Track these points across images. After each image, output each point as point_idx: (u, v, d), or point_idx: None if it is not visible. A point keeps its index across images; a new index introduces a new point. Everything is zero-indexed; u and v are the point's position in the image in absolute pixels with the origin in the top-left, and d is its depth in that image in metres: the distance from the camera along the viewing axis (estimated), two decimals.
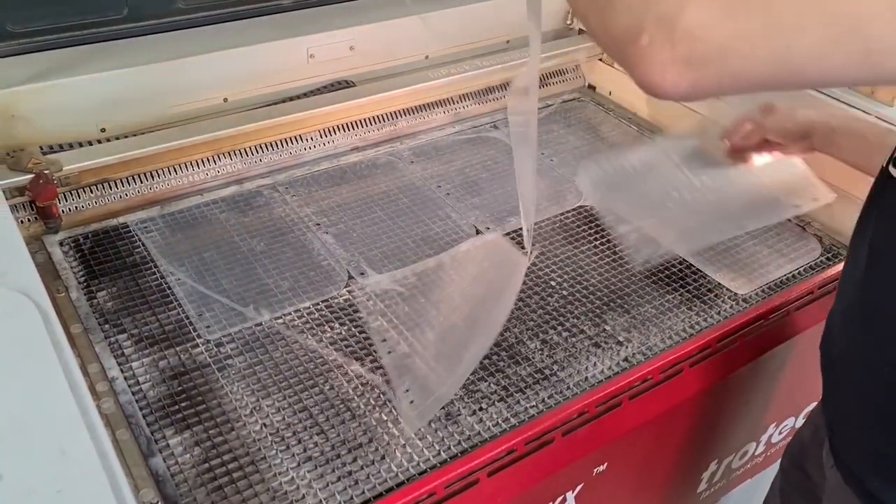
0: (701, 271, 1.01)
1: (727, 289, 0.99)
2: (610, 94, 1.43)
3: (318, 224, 1.06)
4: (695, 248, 1.03)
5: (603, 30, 0.54)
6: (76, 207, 1.02)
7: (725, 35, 0.47)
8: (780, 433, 1.13)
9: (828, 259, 1.04)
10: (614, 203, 1.05)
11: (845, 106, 1.06)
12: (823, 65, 0.48)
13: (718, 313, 0.95)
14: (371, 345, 0.87)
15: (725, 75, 0.49)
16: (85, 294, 0.91)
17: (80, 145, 1.06)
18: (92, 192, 1.03)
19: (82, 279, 0.93)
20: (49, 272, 0.93)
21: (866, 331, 0.70)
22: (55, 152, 1.02)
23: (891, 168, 0.64)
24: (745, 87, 0.51)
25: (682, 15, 0.47)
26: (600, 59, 1.43)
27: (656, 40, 0.48)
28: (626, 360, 0.88)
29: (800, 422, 1.13)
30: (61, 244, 0.98)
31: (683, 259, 1.03)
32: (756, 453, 1.14)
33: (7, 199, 0.91)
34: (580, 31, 1.44)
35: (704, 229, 0.99)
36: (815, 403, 1.01)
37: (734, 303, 0.97)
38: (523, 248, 0.85)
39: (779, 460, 0.98)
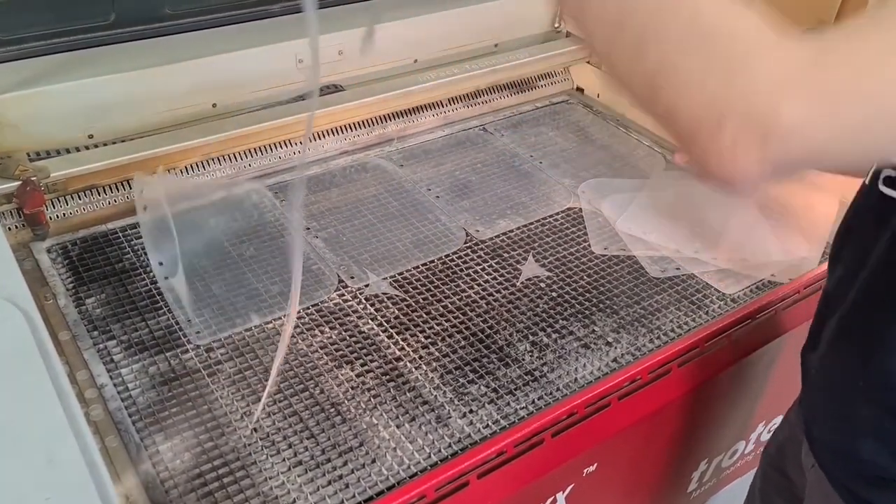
0: (689, 271, 1.02)
1: (715, 289, 0.99)
2: (598, 96, 1.44)
3: (308, 228, 1.06)
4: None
5: (653, 103, 0.46)
6: (64, 214, 1.02)
7: (826, 134, 0.42)
8: (768, 432, 1.14)
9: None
10: (646, 232, 1.08)
11: None
12: None
13: (706, 313, 0.96)
14: (362, 349, 0.88)
15: (813, 165, 0.44)
16: (73, 301, 0.91)
17: (68, 152, 1.05)
18: (80, 198, 1.03)
19: (70, 286, 0.93)
20: (37, 279, 0.93)
21: (848, 342, 0.70)
22: (42, 159, 1.02)
23: (881, 186, 0.63)
24: (830, 170, 0.45)
25: (777, 114, 0.41)
26: (588, 62, 1.44)
27: (742, 139, 0.42)
28: (614, 360, 0.89)
29: None
30: (49, 251, 0.98)
31: (672, 259, 1.04)
32: (745, 452, 1.14)
33: None
34: (567, 35, 1.45)
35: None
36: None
37: (722, 302, 0.98)
38: None
39: None
